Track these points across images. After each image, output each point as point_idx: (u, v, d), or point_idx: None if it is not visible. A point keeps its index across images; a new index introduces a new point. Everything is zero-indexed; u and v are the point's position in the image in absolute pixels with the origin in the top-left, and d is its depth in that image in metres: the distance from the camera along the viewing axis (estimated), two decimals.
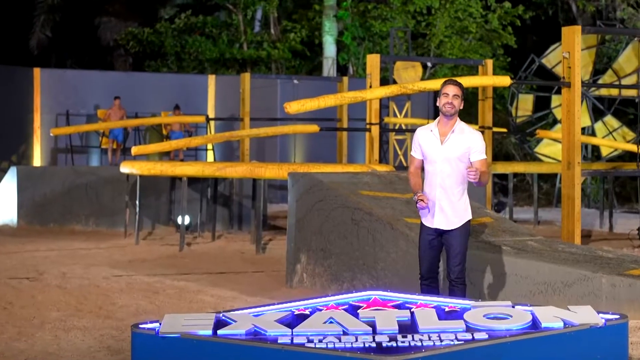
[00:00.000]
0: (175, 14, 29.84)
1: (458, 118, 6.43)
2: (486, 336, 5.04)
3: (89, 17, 30.70)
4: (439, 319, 5.35)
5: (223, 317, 5.40)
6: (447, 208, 6.38)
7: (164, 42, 28.14)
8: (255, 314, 5.49)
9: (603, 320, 5.25)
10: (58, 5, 29.66)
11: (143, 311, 8.07)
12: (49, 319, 7.72)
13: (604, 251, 8.09)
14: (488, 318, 5.30)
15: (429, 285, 6.47)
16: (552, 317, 5.26)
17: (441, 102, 6.35)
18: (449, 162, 6.34)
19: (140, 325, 5.29)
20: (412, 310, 5.50)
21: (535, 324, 5.22)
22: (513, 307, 5.51)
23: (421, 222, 6.53)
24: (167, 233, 15.31)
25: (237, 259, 12.20)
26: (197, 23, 28.35)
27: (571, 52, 10.98)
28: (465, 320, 5.26)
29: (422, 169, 6.57)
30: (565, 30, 11.12)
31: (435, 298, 5.77)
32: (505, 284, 7.39)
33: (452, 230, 6.41)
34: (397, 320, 5.28)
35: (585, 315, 5.31)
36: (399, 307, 5.62)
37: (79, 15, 30.50)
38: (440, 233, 6.44)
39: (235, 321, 5.31)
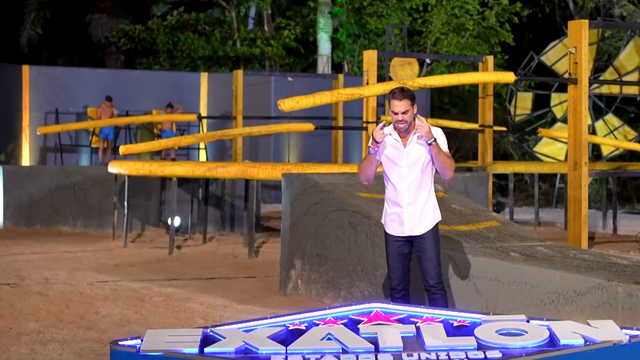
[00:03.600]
0: (168, 11, 29.48)
1: (414, 120, 5.93)
2: (500, 355, 4.62)
3: (80, 14, 30.37)
4: (448, 335, 4.89)
5: (210, 333, 4.94)
6: (417, 212, 6.03)
7: (156, 39, 27.76)
8: (246, 329, 5.03)
9: (627, 337, 4.80)
10: (48, 2, 29.31)
11: (127, 321, 7.59)
12: (27, 330, 7.24)
13: (618, 257, 7.63)
14: (501, 334, 4.86)
15: (402, 298, 6.10)
16: (571, 333, 4.81)
17: (392, 119, 5.94)
18: (414, 165, 5.97)
19: (120, 342, 4.84)
20: (417, 325, 5.04)
21: (552, 340, 4.77)
22: (528, 321, 5.05)
23: (385, 232, 6.17)
24: (157, 235, 14.83)
25: (228, 263, 11.73)
26: (189, 20, 27.99)
27: (578, 48, 10.52)
28: (476, 337, 4.82)
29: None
30: (572, 25, 10.65)
31: (442, 311, 5.30)
32: (514, 293, 6.93)
33: (423, 233, 6.05)
34: (402, 337, 4.84)
35: (607, 331, 4.86)
36: (403, 321, 5.15)
37: (70, 12, 30.15)
38: (409, 240, 6.08)
39: (223, 337, 4.87)
